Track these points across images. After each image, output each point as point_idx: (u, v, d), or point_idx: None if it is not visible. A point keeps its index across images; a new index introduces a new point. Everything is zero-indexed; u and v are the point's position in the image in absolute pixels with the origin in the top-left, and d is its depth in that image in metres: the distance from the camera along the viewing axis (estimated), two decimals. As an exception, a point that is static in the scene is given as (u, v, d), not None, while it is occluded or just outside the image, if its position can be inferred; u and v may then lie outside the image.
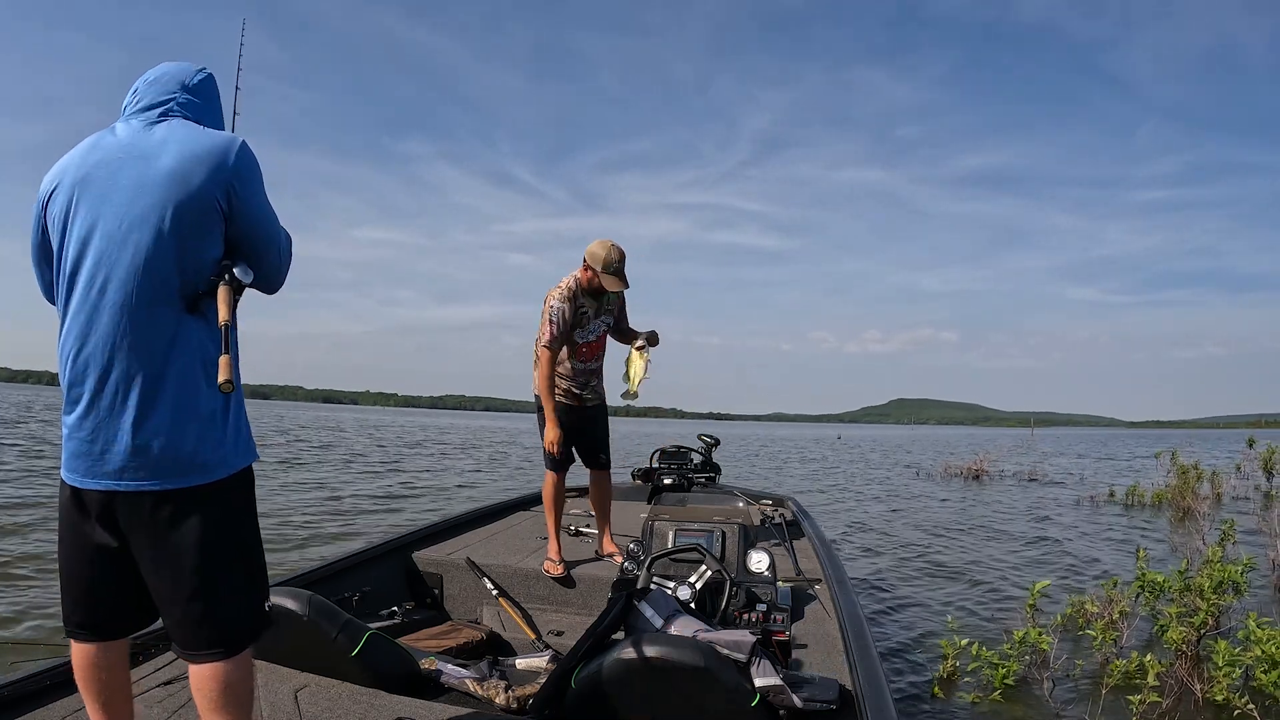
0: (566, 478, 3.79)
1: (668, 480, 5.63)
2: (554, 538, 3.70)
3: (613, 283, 3.42)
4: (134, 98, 1.51)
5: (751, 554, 3.07)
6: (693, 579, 2.78)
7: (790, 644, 2.63)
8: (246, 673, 1.49)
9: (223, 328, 1.36)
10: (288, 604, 2.16)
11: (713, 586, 2.80)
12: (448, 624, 3.47)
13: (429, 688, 2.29)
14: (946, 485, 16.44)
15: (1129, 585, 4.77)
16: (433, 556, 3.78)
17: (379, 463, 17.04)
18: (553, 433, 3.49)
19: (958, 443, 45.82)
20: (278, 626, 2.07)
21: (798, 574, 3.50)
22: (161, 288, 1.38)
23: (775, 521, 4.35)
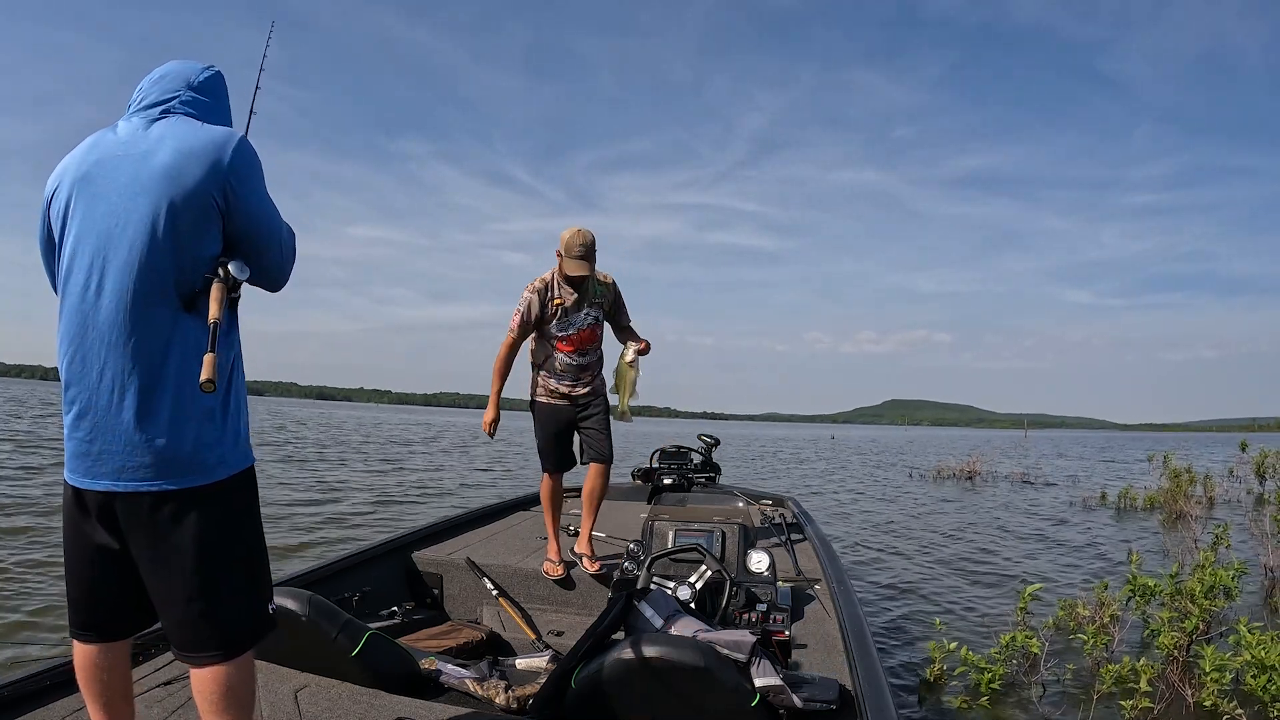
0: (567, 477, 3.77)
1: (668, 480, 5.63)
2: (553, 539, 3.69)
3: (575, 266, 3.36)
4: (138, 95, 1.50)
5: (751, 554, 3.07)
6: (693, 579, 2.78)
7: (790, 644, 2.63)
8: (248, 675, 1.48)
9: (211, 325, 1.34)
10: (288, 604, 2.16)
11: (713, 586, 2.80)
12: (448, 624, 3.47)
13: (429, 688, 2.29)
14: (940, 486, 16.43)
15: (1120, 589, 4.75)
16: (433, 556, 3.78)
17: (378, 461, 17.03)
18: (489, 413, 3.55)
19: (952, 444, 45.86)
20: (278, 627, 2.07)
21: (798, 574, 3.50)
22: (158, 286, 1.36)
23: (775, 521, 4.35)
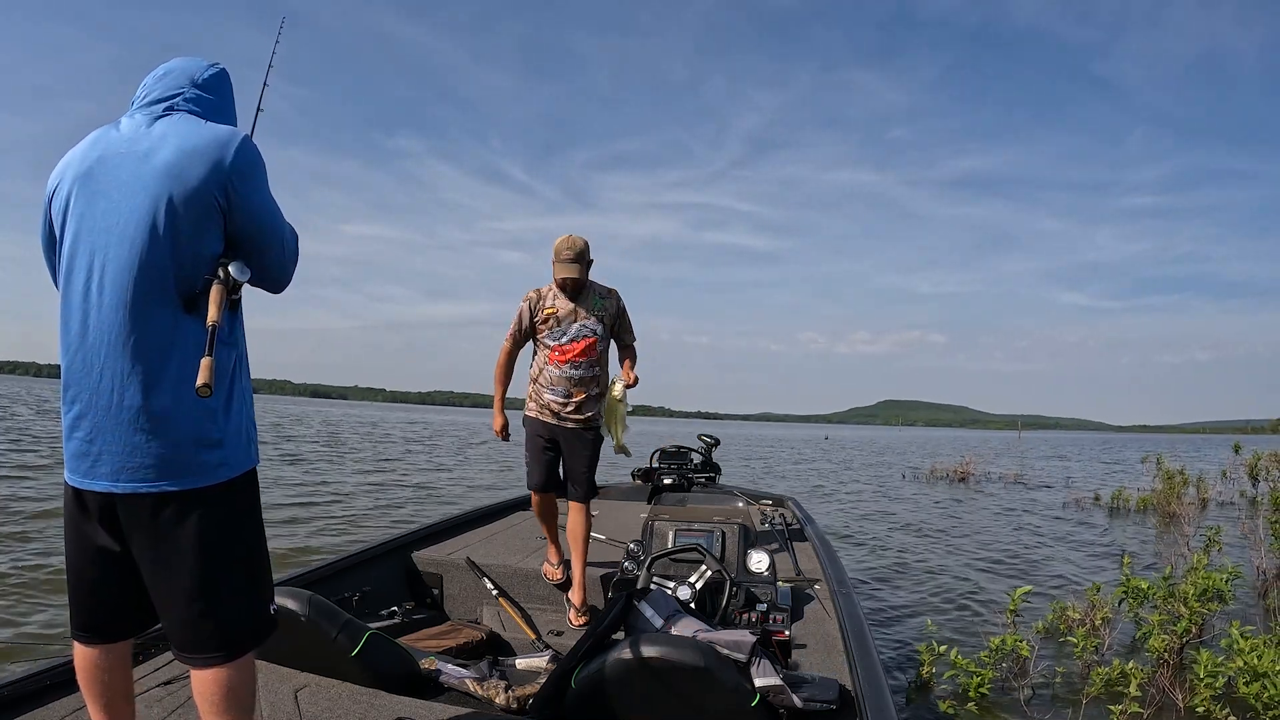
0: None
1: (668, 480, 5.63)
2: (552, 543, 3.64)
3: (563, 269, 3.31)
4: (142, 92, 1.49)
5: (751, 554, 3.07)
6: (693, 579, 2.78)
7: (790, 644, 2.63)
8: (249, 675, 1.48)
9: (210, 327, 1.32)
10: (288, 604, 2.16)
11: (713, 586, 2.80)
12: (448, 624, 3.47)
13: (429, 688, 2.29)
14: (933, 487, 16.43)
15: (1112, 591, 4.72)
16: (433, 556, 3.78)
17: (376, 460, 17.04)
18: (497, 420, 3.54)
19: (946, 445, 45.81)
20: (278, 626, 2.07)
21: (797, 574, 3.50)
22: (158, 286, 1.35)
23: (775, 522, 4.35)
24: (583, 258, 3.32)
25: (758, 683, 2.00)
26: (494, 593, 3.51)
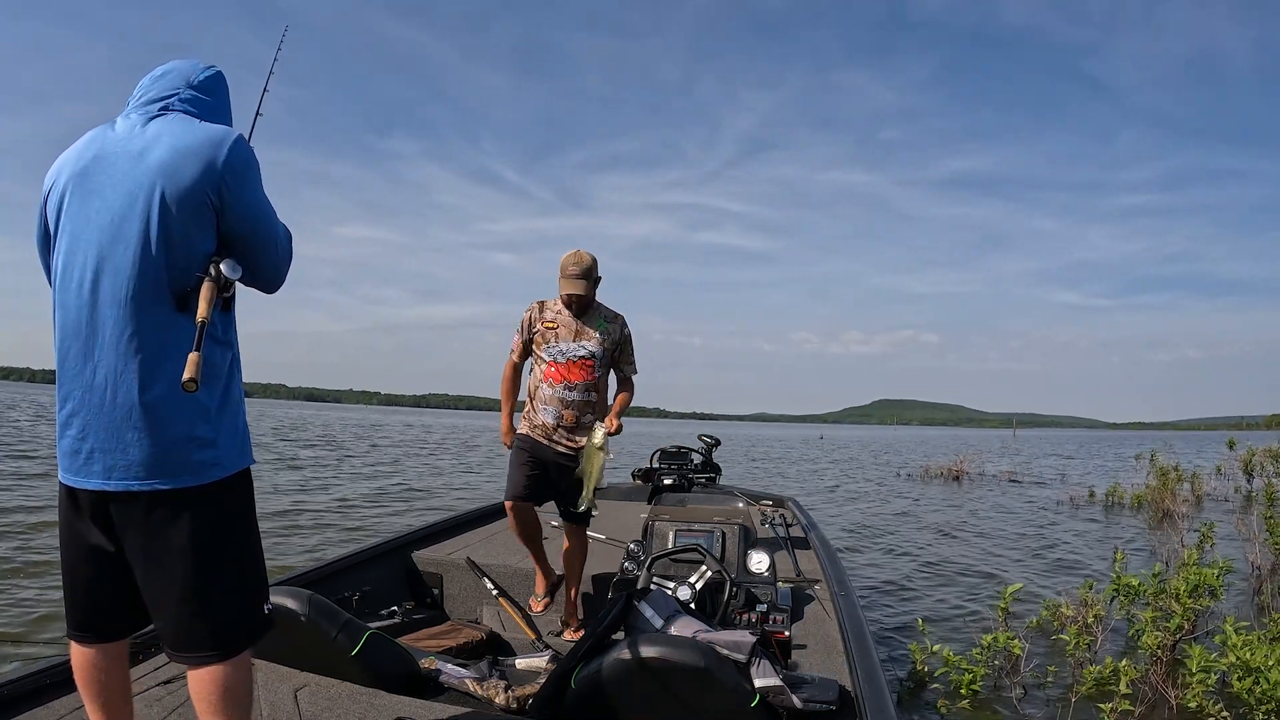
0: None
1: (668, 480, 5.63)
2: (538, 565, 3.45)
3: (569, 285, 3.18)
4: (139, 92, 1.50)
5: (751, 554, 3.07)
6: (693, 579, 2.78)
7: (790, 644, 2.63)
8: (245, 675, 1.48)
9: (199, 324, 1.32)
10: (287, 603, 2.16)
11: (713, 587, 2.80)
12: (448, 624, 3.46)
13: (429, 687, 2.29)
14: (928, 486, 16.42)
15: (1105, 588, 4.69)
16: (433, 556, 3.78)
17: (374, 463, 17.03)
18: (508, 437, 3.38)
19: (941, 443, 45.78)
20: (278, 626, 2.07)
21: (798, 575, 3.50)
22: (151, 284, 1.35)
23: (775, 522, 4.35)
24: (590, 274, 3.19)
25: (757, 683, 2.00)
26: (494, 593, 3.51)
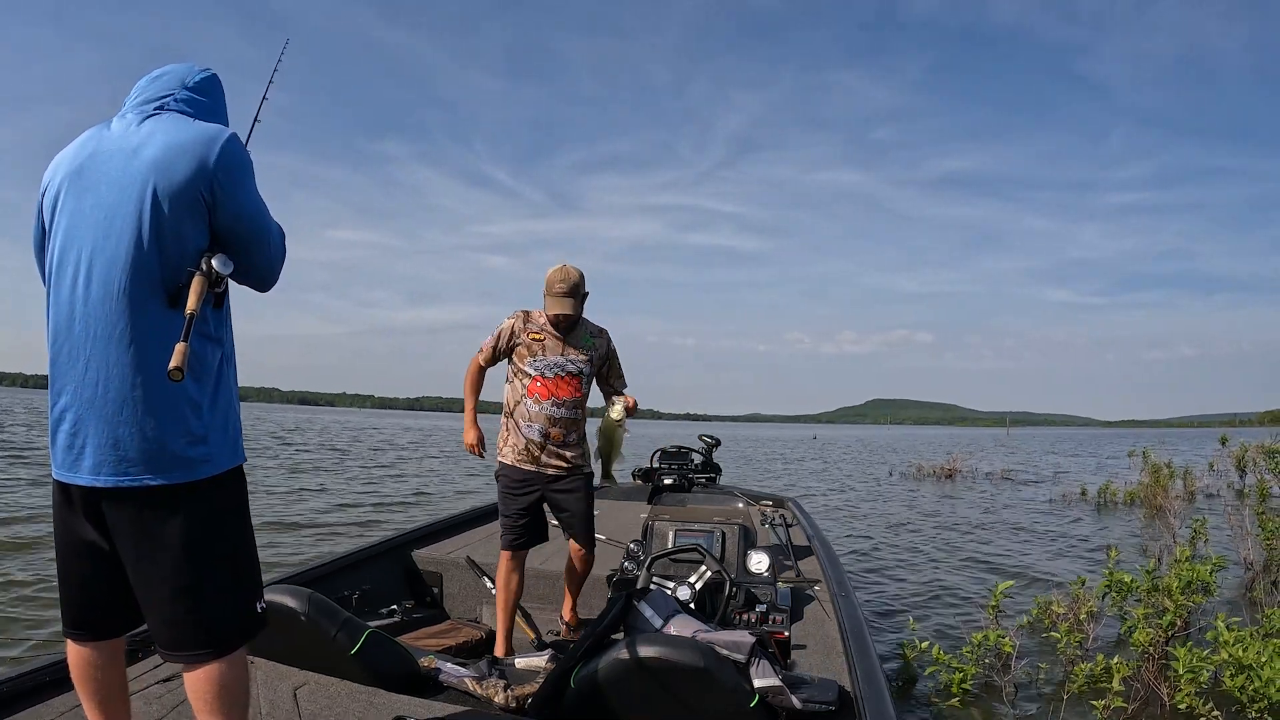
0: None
1: (668, 480, 5.63)
2: (501, 636, 3.09)
3: (557, 304, 3.02)
4: (135, 94, 1.51)
5: (751, 554, 3.07)
6: (692, 579, 2.78)
7: (789, 645, 2.62)
8: (241, 673, 1.48)
9: (187, 316, 1.32)
10: (287, 602, 2.16)
11: (712, 587, 2.80)
12: (447, 623, 3.47)
13: (428, 686, 2.29)
14: (921, 484, 16.40)
15: (1097, 585, 4.64)
16: (432, 555, 3.78)
17: (372, 464, 17.02)
18: (470, 434, 3.15)
19: (936, 442, 45.74)
20: (277, 624, 2.06)
21: (797, 575, 3.50)
22: (144, 280, 1.36)
23: (775, 522, 4.35)
24: (577, 291, 3.05)
25: (757, 683, 2.00)
26: (494, 592, 3.51)
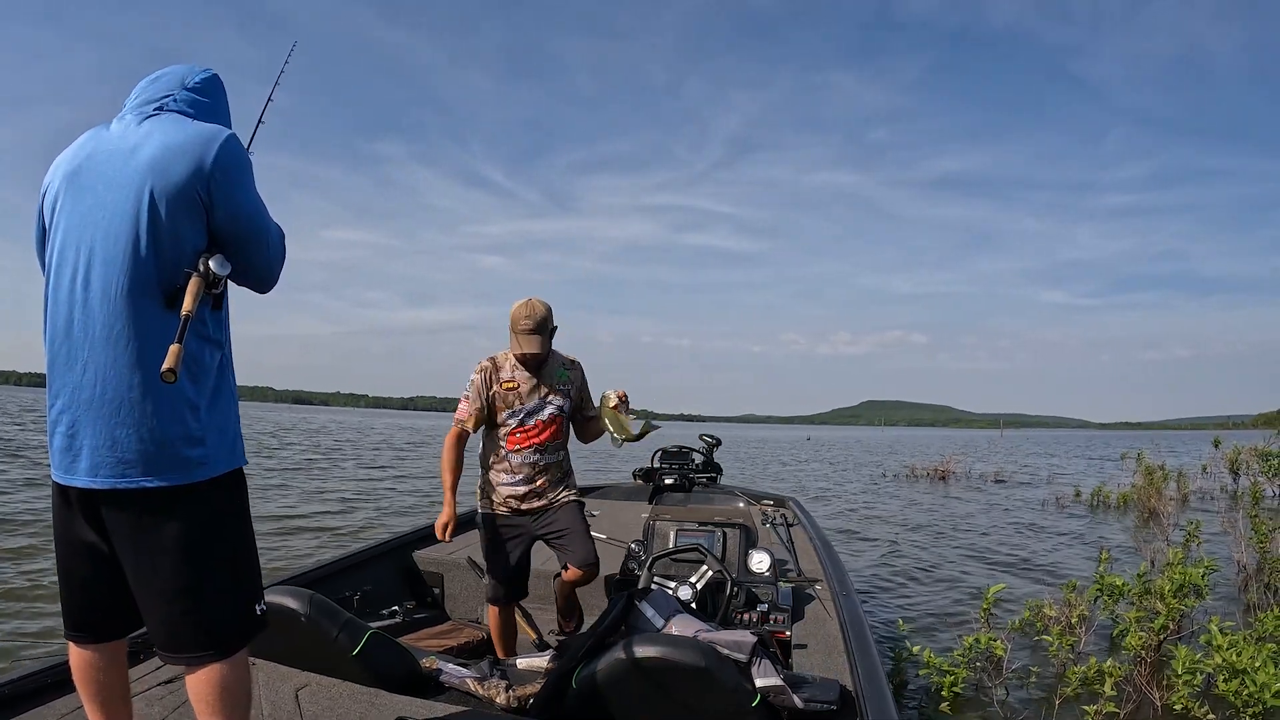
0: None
1: (669, 480, 5.62)
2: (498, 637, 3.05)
3: (525, 342, 2.84)
4: (134, 95, 1.51)
5: (752, 554, 3.07)
6: (694, 579, 2.78)
7: (791, 644, 2.62)
8: (242, 674, 1.47)
9: (183, 317, 1.31)
10: (288, 603, 2.16)
11: (714, 587, 2.80)
12: (448, 623, 3.47)
13: (429, 687, 2.29)
14: (914, 486, 16.42)
15: (1089, 588, 4.64)
16: (433, 556, 3.78)
17: (371, 464, 17.01)
18: (444, 515, 2.84)
19: (930, 444, 45.83)
20: (278, 626, 2.06)
21: (799, 574, 3.49)
22: (140, 280, 1.36)
23: (776, 522, 4.35)
24: (545, 327, 2.88)
25: (758, 683, 2.00)
26: None
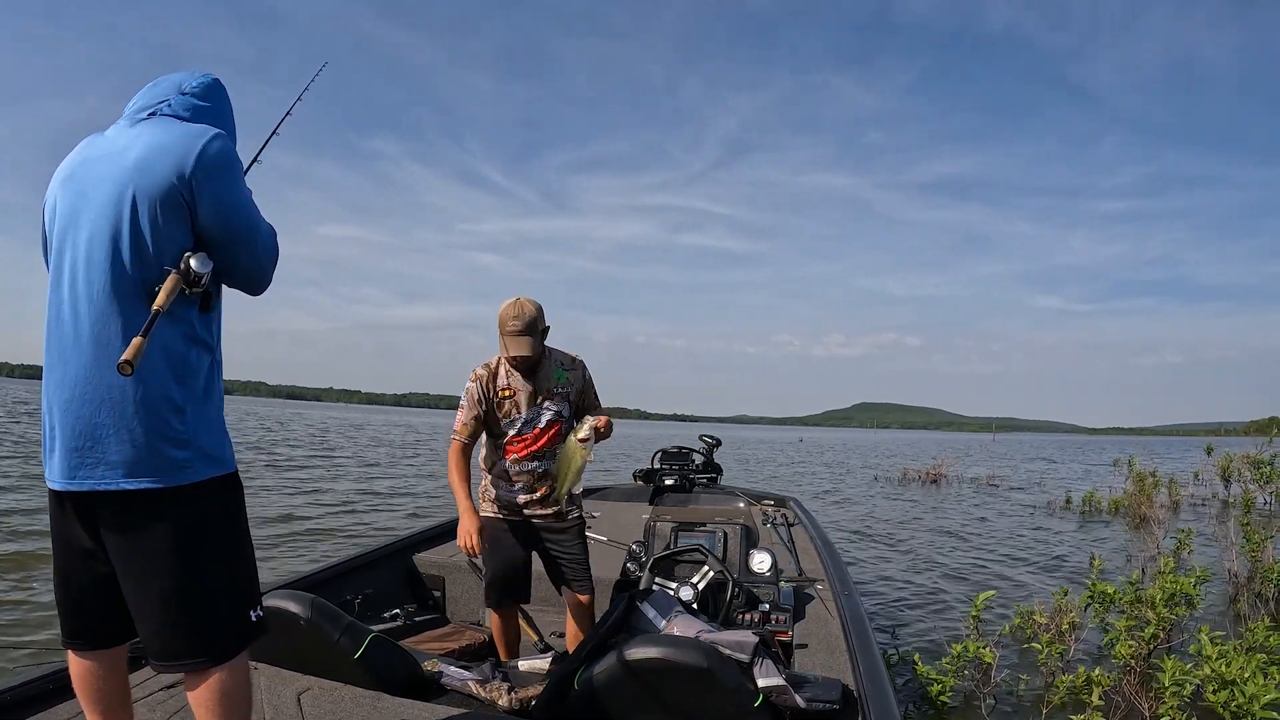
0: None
1: (669, 481, 5.62)
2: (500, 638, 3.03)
3: (514, 344, 2.71)
4: (133, 102, 1.52)
5: (753, 554, 3.07)
6: (695, 580, 2.78)
7: (792, 644, 2.63)
8: (241, 679, 1.46)
9: (152, 312, 1.30)
10: (290, 607, 2.16)
11: (715, 587, 2.80)
12: (450, 626, 3.47)
13: (431, 690, 2.29)
14: (905, 489, 16.44)
15: (1080, 595, 4.61)
16: (434, 559, 3.78)
17: (370, 464, 17.00)
18: (468, 521, 2.74)
19: (922, 447, 45.85)
20: (280, 629, 2.06)
21: (800, 574, 3.50)
22: (124, 282, 1.35)
23: (777, 522, 4.35)
24: (535, 327, 2.73)
25: (760, 683, 2.00)
26: None
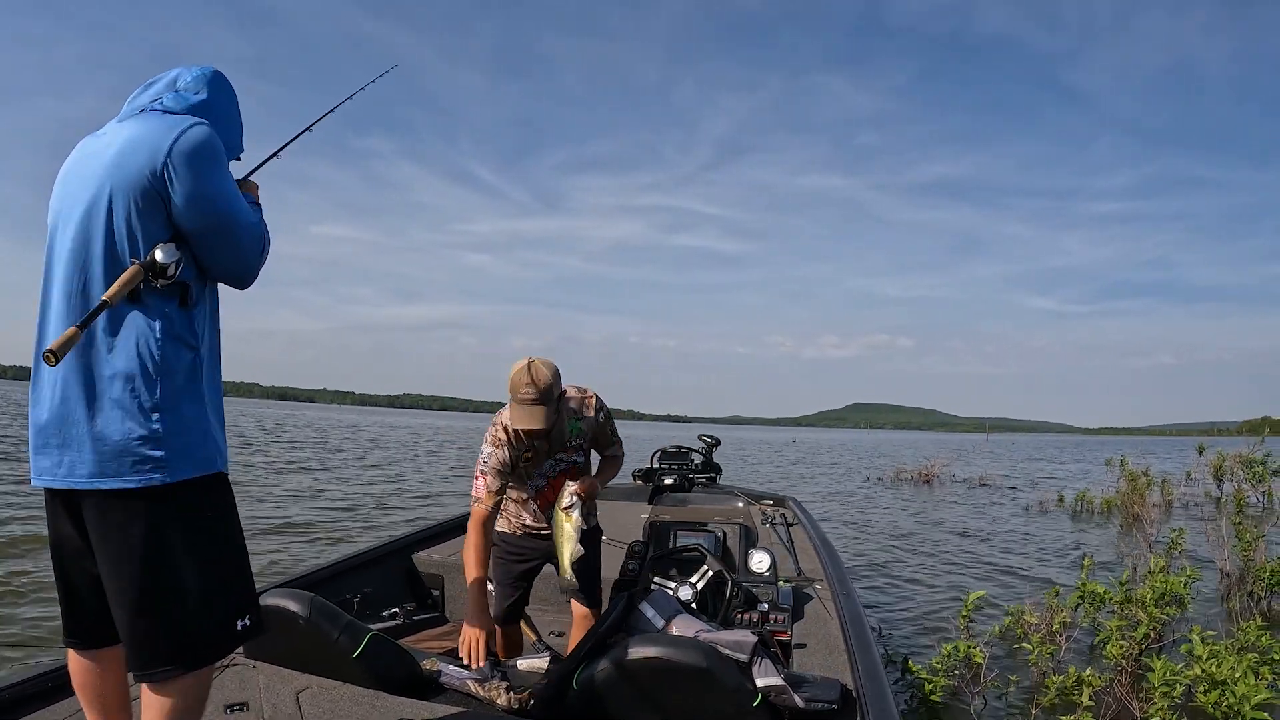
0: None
1: (668, 480, 5.62)
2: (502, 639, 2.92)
3: (523, 417, 2.41)
4: (130, 99, 1.53)
5: (752, 554, 3.07)
6: (694, 579, 2.78)
7: (791, 644, 2.63)
8: (204, 691, 1.42)
9: (99, 303, 1.28)
10: (289, 606, 2.16)
11: (714, 587, 2.80)
12: (449, 625, 3.47)
13: (430, 689, 2.29)
14: (898, 489, 16.45)
15: (1070, 595, 4.61)
16: (433, 558, 3.78)
17: (369, 464, 17.00)
18: (475, 623, 2.36)
19: (915, 447, 45.89)
20: (279, 628, 2.06)
21: (798, 574, 3.50)
22: (100, 277, 1.35)
23: (776, 522, 4.35)
24: (550, 396, 2.43)
25: (759, 683, 2.00)
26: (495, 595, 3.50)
